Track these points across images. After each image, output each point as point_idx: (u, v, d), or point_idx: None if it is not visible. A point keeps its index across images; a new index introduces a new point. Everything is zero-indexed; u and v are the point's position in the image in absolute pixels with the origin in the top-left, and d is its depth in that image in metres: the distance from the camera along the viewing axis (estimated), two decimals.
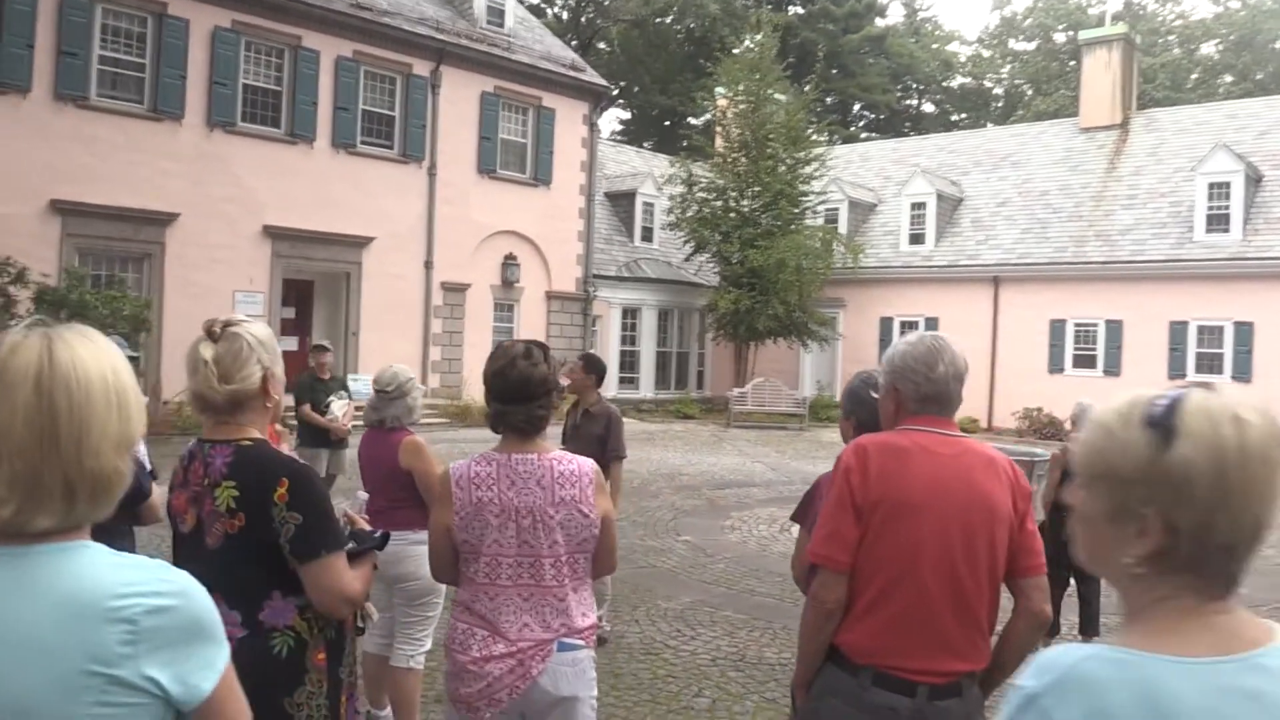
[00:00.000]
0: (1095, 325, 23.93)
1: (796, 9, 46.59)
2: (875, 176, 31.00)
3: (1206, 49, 46.52)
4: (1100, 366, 23.56)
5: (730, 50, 28.68)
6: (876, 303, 27.09)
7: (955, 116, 50.75)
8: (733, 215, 26.03)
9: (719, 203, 26.34)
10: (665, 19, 46.44)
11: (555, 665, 2.75)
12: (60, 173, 16.30)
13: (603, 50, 46.72)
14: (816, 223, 26.97)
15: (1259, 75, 43.76)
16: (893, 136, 41.20)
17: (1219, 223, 22.56)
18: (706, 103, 28.85)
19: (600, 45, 47.14)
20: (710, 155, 27.30)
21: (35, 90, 16.10)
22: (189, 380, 2.41)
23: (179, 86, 17.63)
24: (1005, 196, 27.29)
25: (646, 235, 28.45)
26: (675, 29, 47.33)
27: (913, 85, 51.21)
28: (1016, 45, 50.99)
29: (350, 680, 2.58)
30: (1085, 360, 23.87)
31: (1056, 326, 24.43)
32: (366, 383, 6.17)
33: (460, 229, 21.78)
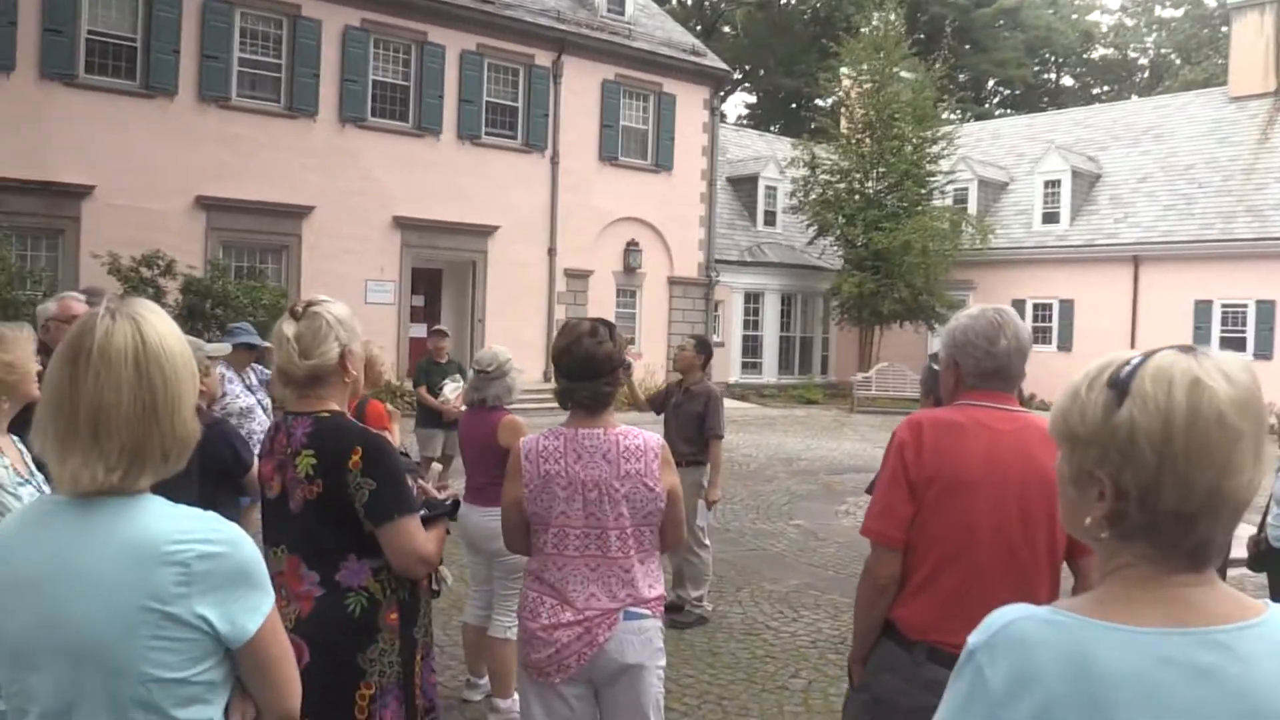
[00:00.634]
0: (1245, 306, 22.65)
1: None
2: (1007, 154, 29.98)
3: None
4: (1250, 349, 22.22)
5: (856, 30, 28.14)
6: (1008, 284, 26.16)
7: (1097, 90, 48.51)
8: (857, 197, 25.58)
9: (843, 185, 25.91)
10: (790, 0, 45.81)
11: (621, 633, 2.84)
12: (205, 170, 17.23)
13: (727, 34, 46.35)
14: (944, 203, 26.30)
15: None
16: (1028, 113, 39.72)
17: None
18: (831, 84, 28.38)
19: (725, 29, 46.81)
20: (835, 137, 26.89)
21: (181, 93, 17.06)
22: (274, 355, 2.60)
23: (313, 85, 18.40)
24: (1146, 172, 26.03)
25: (769, 219, 28.19)
26: (800, 9, 46.58)
27: (1050, 58, 49.14)
28: (1163, 12, 48.40)
29: (425, 640, 2.73)
30: (1233, 343, 22.55)
31: (1202, 308, 23.20)
32: None
33: (583, 216, 22.08)
